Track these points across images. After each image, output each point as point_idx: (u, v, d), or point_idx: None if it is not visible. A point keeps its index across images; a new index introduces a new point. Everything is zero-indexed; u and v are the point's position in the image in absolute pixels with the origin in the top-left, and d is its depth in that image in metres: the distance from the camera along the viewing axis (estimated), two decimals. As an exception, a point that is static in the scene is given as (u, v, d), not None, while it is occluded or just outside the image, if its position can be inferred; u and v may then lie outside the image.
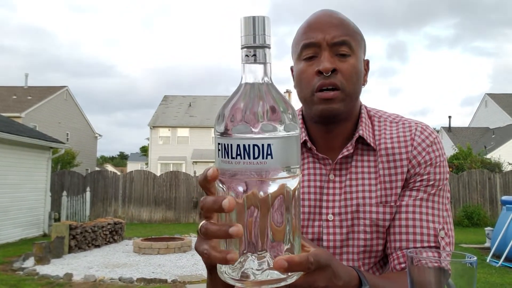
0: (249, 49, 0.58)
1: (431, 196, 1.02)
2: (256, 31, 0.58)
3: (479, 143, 30.60)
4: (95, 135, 35.52)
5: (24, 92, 29.11)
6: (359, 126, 1.07)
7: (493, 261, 8.24)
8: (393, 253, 1.01)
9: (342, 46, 1.01)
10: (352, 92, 1.02)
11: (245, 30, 0.58)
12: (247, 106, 0.56)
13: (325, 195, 1.06)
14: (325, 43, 1.01)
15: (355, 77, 1.02)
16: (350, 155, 1.07)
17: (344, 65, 1.01)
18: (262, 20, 0.58)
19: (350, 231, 1.03)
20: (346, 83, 1.00)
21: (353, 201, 1.04)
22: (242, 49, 0.59)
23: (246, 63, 0.59)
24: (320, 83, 1.00)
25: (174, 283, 6.77)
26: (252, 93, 0.57)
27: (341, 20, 1.04)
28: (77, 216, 13.77)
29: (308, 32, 1.04)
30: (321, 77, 1.00)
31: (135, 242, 9.73)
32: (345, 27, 1.03)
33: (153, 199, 16.16)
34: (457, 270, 0.62)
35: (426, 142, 1.05)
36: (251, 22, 0.58)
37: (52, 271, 7.45)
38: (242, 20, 0.59)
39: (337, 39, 1.01)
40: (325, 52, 1.00)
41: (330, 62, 0.99)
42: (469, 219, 14.50)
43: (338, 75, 1.00)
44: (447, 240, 1.00)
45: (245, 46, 0.58)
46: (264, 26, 0.58)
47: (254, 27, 0.58)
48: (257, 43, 0.58)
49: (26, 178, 12.17)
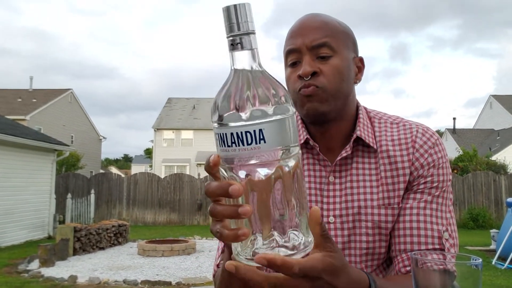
0: (234, 37, 0.59)
1: (435, 198, 1.02)
2: (239, 19, 0.58)
3: (484, 144, 30.48)
4: (100, 138, 35.64)
5: (29, 95, 29.25)
6: (356, 127, 1.07)
7: (499, 263, 8.20)
8: (398, 256, 1.00)
9: (322, 48, 1.01)
10: (335, 91, 1.01)
11: (228, 19, 0.59)
12: (236, 94, 0.57)
13: (325, 197, 1.05)
14: (304, 48, 1.01)
15: (338, 77, 1.01)
16: (350, 157, 1.06)
17: (326, 66, 1.01)
18: (243, 7, 0.58)
19: (352, 234, 1.03)
20: (327, 82, 1.00)
21: (355, 203, 1.03)
22: (227, 38, 0.59)
23: (233, 51, 0.59)
24: (301, 85, 1.01)
25: (178, 285, 6.77)
26: (241, 80, 0.58)
27: (321, 22, 1.04)
28: (82, 218, 13.81)
29: (290, 38, 1.05)
30: (303, 81, 1.01)
31: (139, 244, 9.75)
32: (324, 28, 1.03)
33: (157, 201, 16.18)
34: (463, 272, 0.62)
35: (428, 144, 1.05)
36: (233, 11, 0.58)
37: (57, 273, 7.47)
38: (224, 9, 0.59)
39: (316, 42, 1.01)
40: (306, 56, 1.01)
41: (310, 65, 1.00)
42: (474, 221, 14.43)
43: (320, 76, 1.00)
44: (451, 241, 1.00)
45: (230, 35, 0.59)
46: (246, 12, 0.59)
47: (236, 15, 0.58)
48: (241, 31, 0.59)
49: (31, 181, 12.22)
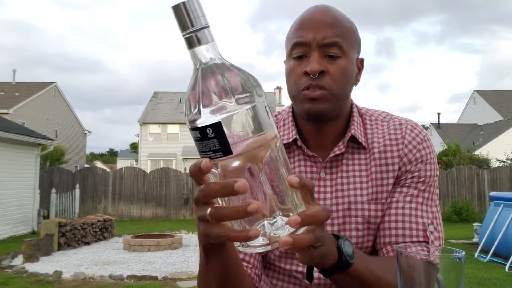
0: (189, 34, 0.58)
1: (421, 192, 1.03)
2: (191, 16, 0.57)
3: (467, 139, 30.90)
4: (84, 132, 35.26)
5: (12, 88, 28.77)
6: (350, 125, 1.08)
7: (481, 256, 8.34)
8: (383, 248, 1.02)
9: (332, 47, 0.99)
10: (340, 93, 1.01)
11: (179, 17, 0.58)
12: (196, 94, 0.57)
13: (316, 193, 1.06)
14: (315, 43, 0.98)
15: (344, 79, 1.00)
16: (341, 154, 1.07)
17: (333, 67, 0.99)
18: (192, 3, 0.57)
19: (342, 229, 1.04)
20: (333, 85, 0.99)
21: (345, 199, 1.04)
22: (183, 37, 0.59)
23: (191, 49, 0.59)
24: (307, 84, 0.99)
25: (164, 280, 6.76)
26: (202, 78, 0.57)
27: (334, 19, 1.01)
28: (67, 213, 13.67)
29: (299, 29, 1.02)
30: (309, 78, 0.99)
31: (125, 239, 9.68)
32: (337, 26, 1.00)
33: (143, 196, 16.09)
34: (446, 265, 0.63)
35: (417, 139, 1.06)
36: (183, 8, 0.57)
37: (41, 268, 7.39)
38: (173, 8, 0.58)
39: (327, 40, 0.98)
40: (315, 52, 0.99)
41: (319, 63, 0.98)
42: (457, 214, 14.64)
43: (326, 77, 0.98)
44: (436, 234, 1.01)
45: (185, 33, 0.58)
46: (196, 8, 0.58)
47: (187, 12, 0.57)
48: (195, 27, 0.58)
49: (15, 175, 12.05)
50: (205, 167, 0.57)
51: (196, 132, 0.57)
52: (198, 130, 0.57)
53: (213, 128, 0.55)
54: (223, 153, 0.56)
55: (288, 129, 1.11)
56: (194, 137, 0.58)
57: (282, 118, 1.15)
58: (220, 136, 0.55)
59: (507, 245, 7.77)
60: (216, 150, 0.56)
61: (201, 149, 0.58)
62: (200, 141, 0.57)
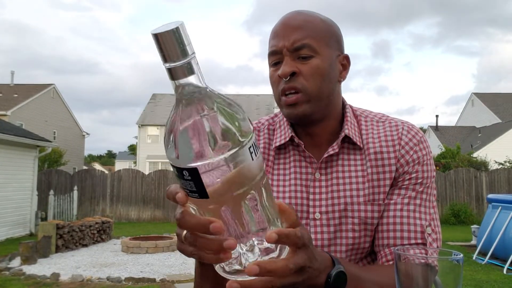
0: (173, 65, 0.53)
1: (419, 194, 1.03)
2: (176, 45, 0.52)
3: (465, 142, 30.95)
4: (83, 134, 35.20)
5: (10, 89, 28.70)
6: (344, 125, 1.08)
7: (479, 258, 8.34)
8: (381, 250, 1.02)
9: (302, 49, 1.01)
10: (316, 92, 1.01)
11: (162, 47, 0.52)
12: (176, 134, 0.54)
13: (311, 193, 1.06)
14: (285, 49, 1.01)
15: (318, 78, 1.01)
16: (336, 154, 1.07)
17: (306, 67, 1.01)
18: (177, 31, 0.52)
19: (338, 230, 1.04)
20: (307, 84, 1.00)
21: (341, 200, 1.04)
22: (166, 68, 0.54)
23: (175, 80, 0.54)
24: (282, 88, 1.02)
25: (162, 282, 6.74)
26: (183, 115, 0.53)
27: (303, 21, 1.03)
28: (64, 215, 13.64)
29: (272, 39, 1.05)
30: (283, 82, 1.02)
31: (123, 241, 9.66)
32: (305, 28, 1.02)
33: (142, 198, 16.06)
34: (444, 267, 0.63)
35: (413, 141, 1.06)
36: (167, 37, 0.51)
37: (39, 271, 7.36)
38: (155, 37, 0.52)
39: (296, 44, 1.00)
40: (286, 57, 1.01)
41: (289, 66, 1.00)
42: (455, 217, 14.65)
43: (299, 77, 1.00)
44: (434, 236, 1.01)
45: (168, 65, 0.53)
46: (182, 36, 0.52)
47: (171, 41, 0.52)
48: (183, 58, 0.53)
49: (13, 177, 12.02)
50: (180, 200, 0.57)
51: (173, 169, 0.55)
52: (175, 168, 0.55)
53: (189, 172, 0.53)
54: (199, 195, 0.55)
55: (284, 129, 1.12)
56: (172, 170, 0.56)
57: (278, 120, 1.16)
58: (197, 180, 0.53)
59: (505, 247, 7.78)
60: (192, 191, 0.55)
61: (179, 183, 0.57)
62: (177, 177, 0.56)
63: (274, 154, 1.12)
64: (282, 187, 1.09)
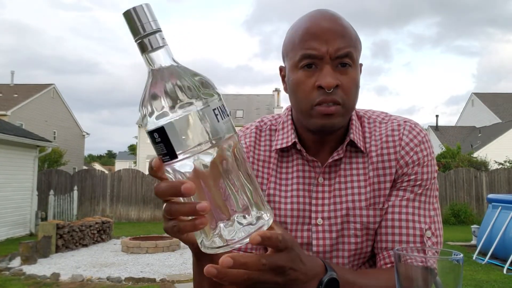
0: (142, 39, 0.59)
1: (417, 196, 1.01)
2: (142, 20, 0.58)
3: (465, 142, 30.95)
4: (83, 134, 35.20)
5: (10, 89, 28.70)
6: (350, 130, 1.05)
7: (479, 258, 8.34)
8: (380, 253, 1.01)
9: (344, 58, 0.95)
10: (351, 106, 0.99)
11: (131, 23, 0.59)
12: (144, 100, 0.58)
13: (314, 199, 1.04)
14: (328, 56, 0.94)
15: (355, 91, 0.98)
16: (339, 159, 1.05)
17: (345, 78, 0.96)
18: (142, 8, 0.59)
19: (340, 235, 1.02)
20: (346, 98, 0.96)
21: (343, 205, 1.02)
22: (136, 42, 0.60)
23: (143, 54, 0.60)
24: (321, 99, 0.95)
25: (162, 282, 6.74)
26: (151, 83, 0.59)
27: (344, 28, 0.97)
28: (64, 215, 13.64)
29: (308, 40, 0.96)
30: (322, 92, 0.94)
31: (123, 241, 9.66)
32: (347, 36, 0.97)
33: (142, 198, 16.06)
34: (444, 268, 0.63)
35: (414, 141, 1.04)
36: (133, 14, 0.58)
37: (39, 271, 7.37)
38: (124, 15, 0.59)
39: (340, 52, 0.94)
40: (327, 65, 0.94)
41: (333, 77, 0.94)
42: (455, 217, 14.65)
43: (339, 90, 0.95)
44: (434, 239, 0.99)
45: (137, 37, 0.59)
46: (147, 13, 0.59)
47: (138, 17, 0.58)
48: (147, 31, 0.59)
49: (13, 177, 12.02)
50: (154, 165, 0.60)
51: (148, 136, 0.59)
52: (148, 134, 0.59)
53: (158, 133, 0.57)
54: (170, 157, 0.58)
55: (287, 132, 1.09)
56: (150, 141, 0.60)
57: (281, 121, 1.13)
58: (165, 141, 0.57)
59: (505, 247, 7.77)
60: (164, 154, 0.58)
61: (156, 153, 0.60)
62: (153, 145, 0.59)
63: (277, 156, 1.10)
64: (284, 192, 1.07)
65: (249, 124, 1.18)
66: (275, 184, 1.08)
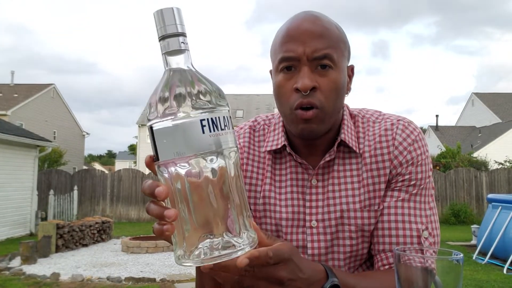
0: (165, 39, 0.60)
1: (412, 196, 0.99)
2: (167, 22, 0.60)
3: (466, 141, 30.93)
4: (83, 133, 35.19)
5: (10, 89, 28.69)
6: (341, 129, 1.03)
7: (479, 258, 8.34)
8: (377, 255, 1.00)
9: (323, 59, 0.93)
10: (331, 110, 0.96)
11: (160, 21, 0.60)
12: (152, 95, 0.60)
13: (307, 201, 1.03)
14: (305, 58, 0.93)
15: (335, 94, 0.95)
16: (332, 159, 1.04)
17: (324, 80, 0.94)
18: (172, 10, 0.60)
19: (335, 238, 1.01)
20: (325, 101, 0.94)
21: (337, 207, 1.01)
22: (159, 41, 0.61)
23: (165, 53, 0.61)
24: (299, 102, 0.93)
25: (162, 282, 6.74)
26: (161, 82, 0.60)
27: (324, 29, 0.95)
28: (64, 215, 13.64)
29: (287, 42, 0.95)
30: (300, 95, 0.93)
31: (123, 241, 9.66)
32: (327, 37, 0.95)
33: (142, 198, 16.05)
34: (444, 267, 0.63)
35: (408, 140, 1.01)
36: (161, 14, 0.60)
37: (39, 270, 7.37)
38: (155, 14, 0.60)
39: (318, 53, 0.93)
40: (305, 67, 0.93)
41: (310, 79, 0.92)
42: (455, 217, 14.65)
43: (317, 92, 0.93)
44: (431, 240, 0.98)
45: (161, 37, 0.60)
46: (176, 15, 0.60)
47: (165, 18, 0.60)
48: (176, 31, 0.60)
49: (13, 177, 12.02)
50: (145, 160, 0.62)
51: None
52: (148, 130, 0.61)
53: (149, 131, 0.59)
54: (156, 158, 0.59)
55: (277, 134, 1.08)
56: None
57: (274, 123, 1.12)
58: (153, 141, 0.59)
59: (505, 247, 7.77)
60: (154, 153, 0.60)
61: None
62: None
63: (271, 158, 1.09)
64: (278, 194, 1.06)
65: (242, 123, 1.17)
66: (270, 185, 1.07)
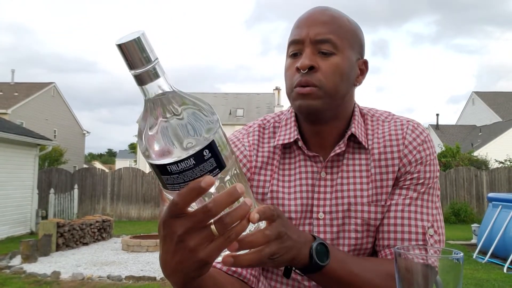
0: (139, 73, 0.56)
1: (420, 194, 1.02)
2: (139, 54, 0.55)
3: (466, 140, 30.93)
4: (83, 132, 35.20)
5: (10, 88, 28.69)
6: (351, 124, 1.07)
7: (480, 257, 8.35)
8: (381, 251, 1.02)
9: (325, 44, 0.98)
10: (333, 90, 0.99)
11: (126, 56, 0.55)
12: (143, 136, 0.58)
13: (316, 193, 1.05)
14: (308, 40, 0.99)
15: (336, 77, 0.99)
16: (342, 153, 1.06)
17: (325, 63, 0.98)
18: (139, 40, 0.55)
19: (341, 230, 1.03)
20: (325, 81, 0.98)
21: (345, 200, 1.03)
22: (133, 75, 0.57)
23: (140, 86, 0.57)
24: (298, 81, 0.99)
25: (163, 281, 6.74)
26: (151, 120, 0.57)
27: (331, 17, 1.01)
28: (65, 214, 13.66)
29: (295, 28, 1.03)
30: (300, 74, 0.99)
31: (123, 239, 9.67)
32: (332, 24, 1.00)
33: (142, 197, 16.07)
34: (444, 266, 0.63)
35: (417, 140, 1.05)
36: (130, 47, 0.55)
37: (40, 269, 7.37)
38: (119, 47, 0.55)
39: (320, 37, 0.98)
40: (307, 49, 0.99)
41: (309, 59, 0.98)
42: (456, 216, 14.65)
43: (318, 73, 0.98)
44: (436, 238, 1.00)
45: (134, 72, 0.56)
46: (144, 45, 0.55)
47: (134, 50, 0.55)
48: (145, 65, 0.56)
49: (13, 176, 12.02)
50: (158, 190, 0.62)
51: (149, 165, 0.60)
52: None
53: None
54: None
55: (290, 129, 1.10)
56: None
57: (285, 118, 1.14)
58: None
59: (506, 246, 7.78)
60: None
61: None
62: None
63: (280, 153, 1.11)
64: (287, 188, 1.08)
65: (251, 122, 1.20)
66: (278, 181, 1.09)
